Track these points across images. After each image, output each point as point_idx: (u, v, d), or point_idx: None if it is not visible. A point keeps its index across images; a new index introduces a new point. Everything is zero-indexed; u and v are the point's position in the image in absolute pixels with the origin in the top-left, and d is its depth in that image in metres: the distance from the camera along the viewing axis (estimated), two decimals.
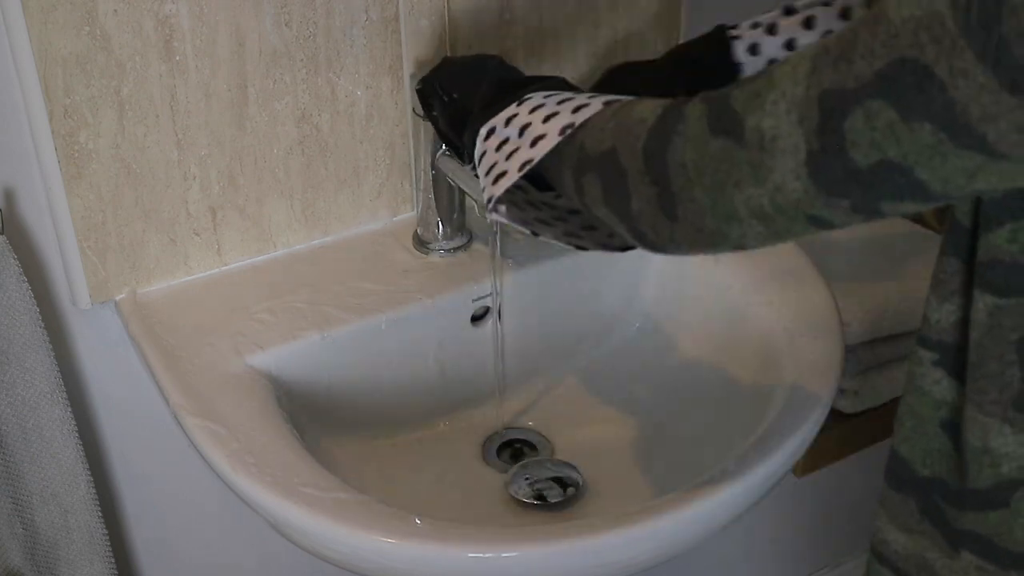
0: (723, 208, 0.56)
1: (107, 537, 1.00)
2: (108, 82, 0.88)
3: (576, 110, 0.70)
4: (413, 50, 1.00)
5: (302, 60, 0.95)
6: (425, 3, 0.98)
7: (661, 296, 1.05)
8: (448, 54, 1.01)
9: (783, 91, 0.52)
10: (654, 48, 1.13)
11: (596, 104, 0.69)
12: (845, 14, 0.82)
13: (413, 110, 0.98)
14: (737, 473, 0.80)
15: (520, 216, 0.78)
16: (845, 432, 1.24)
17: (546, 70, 1.08)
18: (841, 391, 1.19)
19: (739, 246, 0.59)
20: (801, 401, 0.87)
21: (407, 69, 1.00)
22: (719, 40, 0.86)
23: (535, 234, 0.78)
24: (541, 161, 0.71)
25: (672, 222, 0.59)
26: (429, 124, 0.96)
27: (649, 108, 0.62)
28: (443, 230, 1.03)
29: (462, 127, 0.83)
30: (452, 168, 0.97)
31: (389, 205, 1.06)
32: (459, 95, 0.85)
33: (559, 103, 0.72)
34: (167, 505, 1.11)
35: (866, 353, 1.16)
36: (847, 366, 1.08)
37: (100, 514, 0.99)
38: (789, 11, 0.85)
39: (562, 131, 0.69)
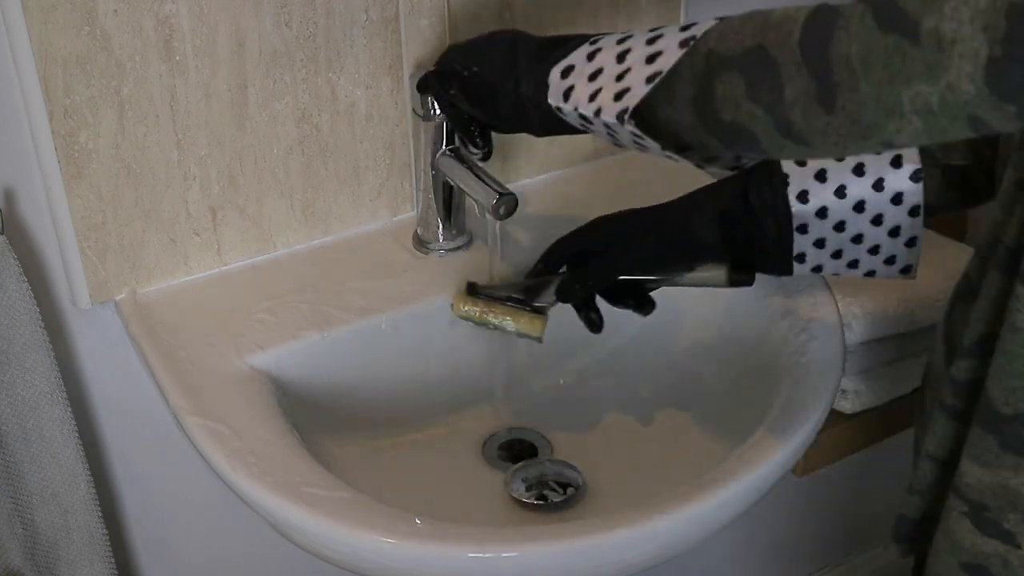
0: (887, 101, 0.57)
1: (107, 537, 1.00)
2: (108, 82, 0.88)
3: (683, 29, 0.70)
4: (413, 50, 1.00)
5: (302, 60, 0.95)
6: (425, 3, 0.98)
7: (661, 296, 1.05)
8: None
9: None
10: None
11: (703, 23, 0.69)
12: (896, 161, 0.83)
13: (413, 110, 0.98)
14: (737, 473, 0.80)
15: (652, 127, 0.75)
16: (845, 432, 1.24)
17: None
18: (841, 391, 1.19)
19: (888, 143, 0.60)
20: (801, 401, 0.87)
21: (407, 69, 1.00)
22: (778, 189, 0.87)
23: (665, 150, 0.75)
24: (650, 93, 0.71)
25: (828, 113, 0.60)
26: (429, 124, 0.97)
27: (791, 10, 0.62)
28: (443, 230, 1.03)
29: (492, 98, 0.84)
30: (452, 168, 0.97)
31: (389, 205, 1.06)
32: (480, 68, 0.86)
33: (642, 35, 0.74)
34: (167, 505, 1.11)
35: (866, 353, 1.16)
36: (847, 366, 1.08)
37: (100, 514, 0.99)
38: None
39: (683, 43, 0.69)
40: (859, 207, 0.85)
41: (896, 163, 0.84)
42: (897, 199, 0.84)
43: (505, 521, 0.93)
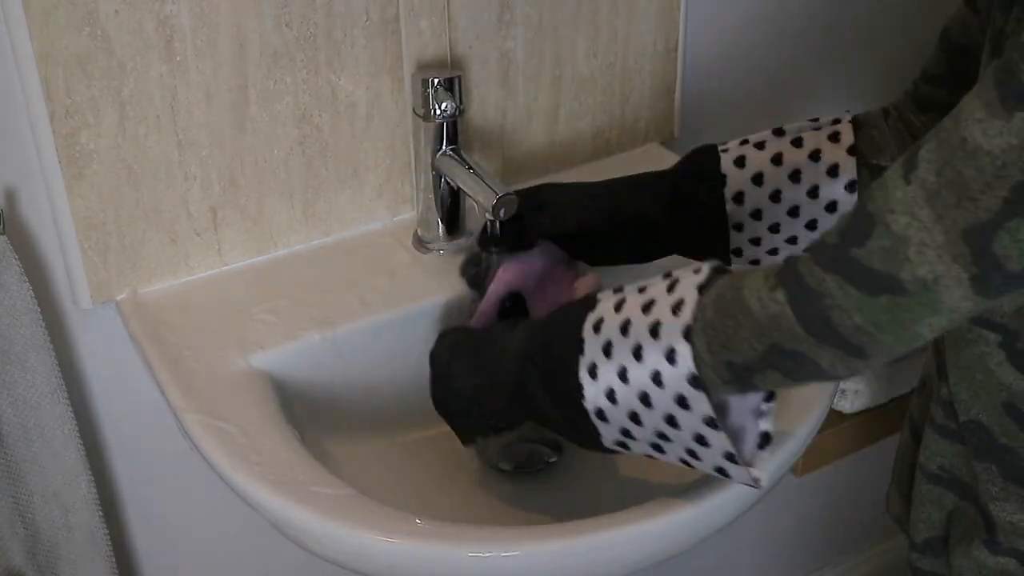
0: (908, 338, 0.62)
1: (108, 536, 1.00)
2: (109, 83, 0.88)
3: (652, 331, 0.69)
4: (413, 51, 1.00)
5: (302, 61, 0.95)
6: (425, 3, 0.99)
7: None
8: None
9: (920, 241, 0.58)
10: (653, 48, 1.13)
11: (672, 321, 0.68)
12: (835, 137, 0.87)
13: (413, 110, 0.98)
14: None
15: None
16: (845, 432, 1.25)
17: (546, 70, 1.08)
18: (841, 391, 1.19)
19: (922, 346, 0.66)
20: (801, 401, 0.87)
21: (407, 69, 1.00)
22: (710, 153, 0.92)
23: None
24: None
25: (864, 360, 0.64)
26: (429, 124, 0.97)
27: (763, 299, 0.64)
28: (443, 230, 1.03)
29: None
30: (452, 168, 0.97)
31: (389, 205, 1.06)
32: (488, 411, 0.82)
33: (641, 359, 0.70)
34: (168, 504, 1.11)
35: None
36: None
37: (101, 513, 0.99)
38: (778, 132, 0.90)
39: (669, 357, 0.69)
40: (793, 212, 0.89)
41: (832, 173, 0.87)
42: (831, 207, 0.88)
43: (504, 518, 0.93)
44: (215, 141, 0.95)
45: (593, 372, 0.71)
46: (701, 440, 0.70)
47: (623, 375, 0.70)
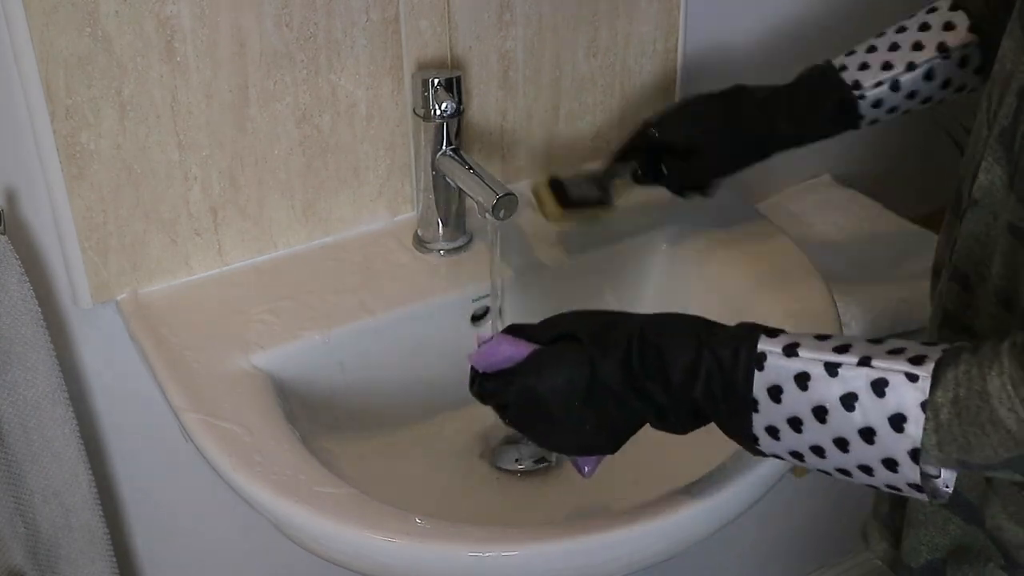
0: None
1: (108, 536, 1.00)
2: (109, 83, 0.88)
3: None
4: (413, 51, 1.00)
5: (303, 61, 0.95)
6: (425, 3, 0.99)
7: (661, 296, 1.05)
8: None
9: None
10: (653, 48, 1.13)
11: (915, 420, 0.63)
12: (964, 61, 0.92)
13: (413, 110, 0.98)
14: (736, 473, 0.80)
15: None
16: None
17: (546, 70, 1.08)
18: None
19: None
20: None
21: (407, 70, 1.00)
22: (847, 98, 0.95)
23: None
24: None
25: None
26: (429, 124, 0.97)
27: (1014, 409, 0.60)
28: (443, 230, 1.03)
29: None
30: (452, 168, 0.97)
31: (389, 205, 1.06)
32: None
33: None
34: (168, 504, 1.11)
35: None
36: None
37: (101, 513, 0.99)
38: (894, 47, 0.95)
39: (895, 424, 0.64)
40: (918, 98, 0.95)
41: (962, 63, 0.93)
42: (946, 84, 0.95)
43: (507, 518, 0.93)
44: (215, 141, 0.95)
45: (774, 434, 0.67)
46: (889, 465, 0.65)
47: (819, 452, 0.66)
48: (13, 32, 0.84)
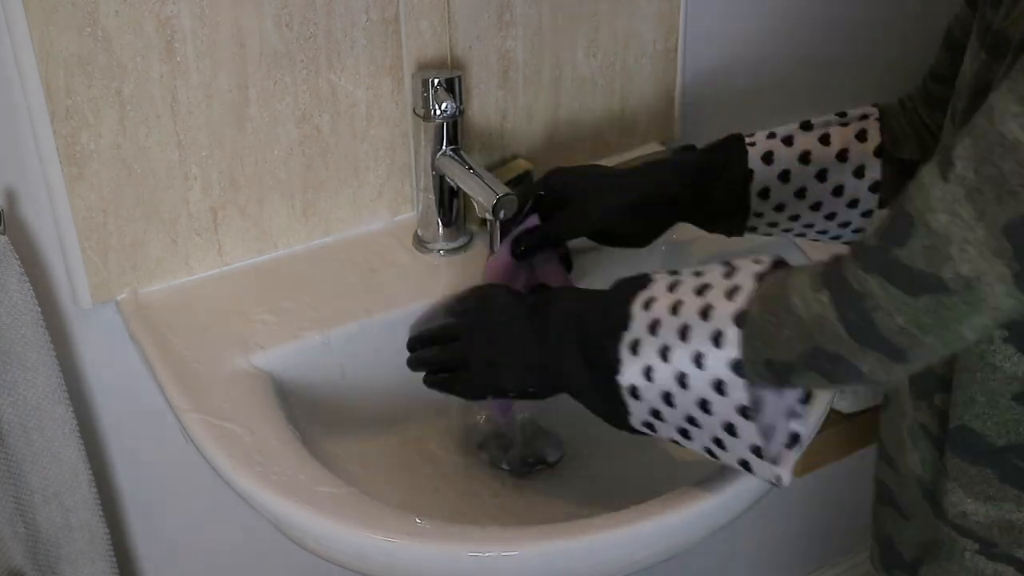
0: (950, 340, 0.62)
1: (108, 536, 1.00)
2: (109, 83, 0.88)
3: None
4: (413, 51, 1.00)
5: (303, 61, 0.95)
6: (425, 3, 0.99)
7: None
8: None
9: (962, 238, 0.58)
10: (653, 48, 1.13)
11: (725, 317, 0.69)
12: (862, 136, 0.89)
13: (413, 110, 0.98)
14: (736, 472, 0.80)
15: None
16: (845, 432, 1.25)
17: (546, 70, 1.08)
18: (841, 391, 1.19)
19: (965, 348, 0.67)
20: None
21: (407, 70, 1.00)
22: (737, 146, 0.93)
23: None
24: None
25: (905, 364, 0.64)
26: (429, 124, 0.97)
27: (808, 299, 0.65)
28: (443, 230, 1.03)
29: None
30: (452, 168, 0.97)
31: (389, 205, 1.06)
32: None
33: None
34: (168, 504, 1.11)
35: None
36: None
37: (101, 513, 0.99)
38: (805, 126, 0.92)
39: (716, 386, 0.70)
40: (815, 207, 0.91)
41: (858, 174, 0.89)
42: (853, 204, 0.90)
43: (506, 518, 0.93)
44: (215, 141, 0.95)
45: (634, 348, 0.72)
46: (730, 429, 0.70)
47: (664, 354, 0.70)
48: (13, 32, 0.84)
